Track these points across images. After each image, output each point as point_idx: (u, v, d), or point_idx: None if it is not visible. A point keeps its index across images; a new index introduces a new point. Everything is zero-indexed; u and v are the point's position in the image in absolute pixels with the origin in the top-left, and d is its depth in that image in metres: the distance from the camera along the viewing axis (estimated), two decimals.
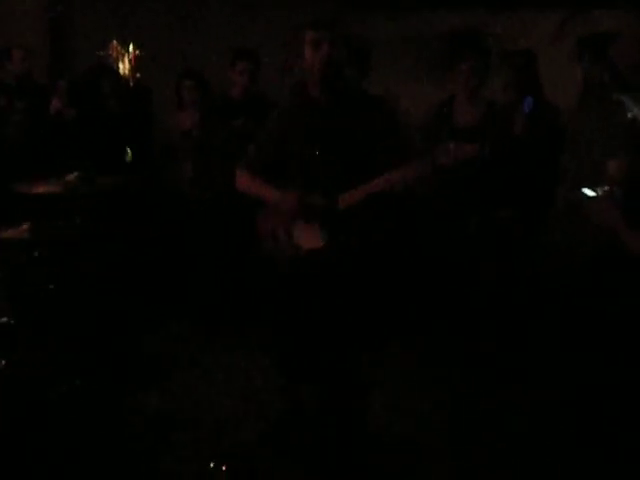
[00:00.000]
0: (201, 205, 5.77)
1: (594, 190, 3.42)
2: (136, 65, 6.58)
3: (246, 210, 5.44)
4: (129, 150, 5.38)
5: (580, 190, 3.46)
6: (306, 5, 6.34)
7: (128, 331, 5.05)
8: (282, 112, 3.78)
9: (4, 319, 4.00)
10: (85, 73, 5.92)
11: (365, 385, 3.75)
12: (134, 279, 5.37)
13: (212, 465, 3.62)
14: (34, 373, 4.06)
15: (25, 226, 4.37)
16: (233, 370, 4.75)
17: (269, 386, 4.44)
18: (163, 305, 5.41)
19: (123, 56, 6.53)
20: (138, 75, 6.51)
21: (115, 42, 6.59)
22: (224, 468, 3.59)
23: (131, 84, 6.30)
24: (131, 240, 5.44)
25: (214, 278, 5.44)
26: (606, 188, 3.45)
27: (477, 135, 5.11)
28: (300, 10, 5.87)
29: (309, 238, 3.58)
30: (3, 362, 3.93)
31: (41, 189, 4.52)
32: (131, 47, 6.59)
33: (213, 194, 5.72)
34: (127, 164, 5.58)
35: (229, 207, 5.58)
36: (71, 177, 4.48)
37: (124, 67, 6.49)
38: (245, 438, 3.95)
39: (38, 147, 5.79)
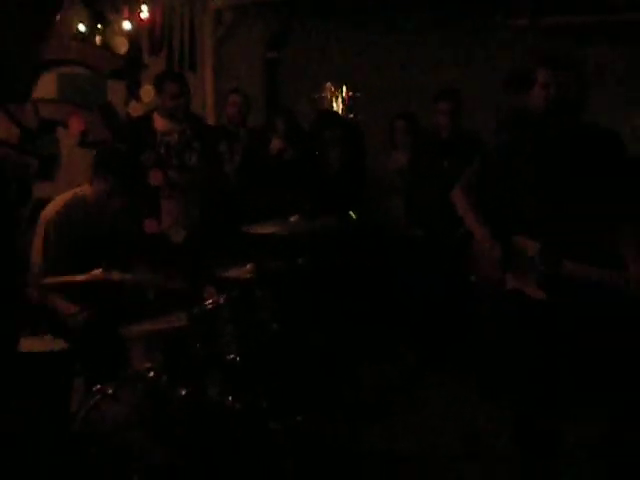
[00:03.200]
0: (412, 242, 5.83)
1: None
2: (349, 106, 6.74)
3: (458, 247, 5.48)
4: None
5: None
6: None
7: (349, 366, 5.15)
8: (504, 145, 3.72)
9: (231, 356, 4.13)
10: (314, 120, 6.05)
11: None
12: (353, 315, 5.48)
13: None
14: (258, 408, 4.18)
15: (249, 266, 4.51)
16: (455, 409, 4.76)
17: (491, 427, 4.42)
18: (383, 341, 5.50)
19: (337, 97, 6.71)
20: (351, 116, 6.67)
21: (329, 84, 6.77)
22: None
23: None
24: (348, 277, 5.55)
25: (434, 314, 5.48)
26: None
27: None
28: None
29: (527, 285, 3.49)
30: (230, 398, 4.05)
31: (265, 230, 4.64)
32: (344, 88, 6.76)
33: (424, 231, 5.78)
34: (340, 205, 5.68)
35: (441, 244, 5.62)
36: (295, 218, 4.59)
37: (338, 108, 6.67)
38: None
39: (258, 186, 5.98)
